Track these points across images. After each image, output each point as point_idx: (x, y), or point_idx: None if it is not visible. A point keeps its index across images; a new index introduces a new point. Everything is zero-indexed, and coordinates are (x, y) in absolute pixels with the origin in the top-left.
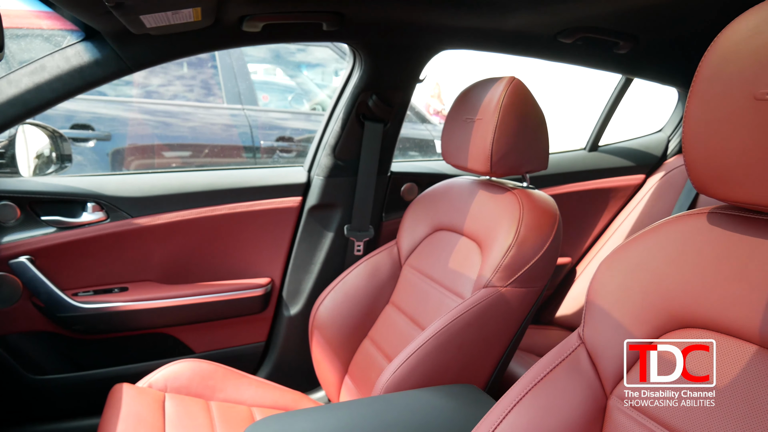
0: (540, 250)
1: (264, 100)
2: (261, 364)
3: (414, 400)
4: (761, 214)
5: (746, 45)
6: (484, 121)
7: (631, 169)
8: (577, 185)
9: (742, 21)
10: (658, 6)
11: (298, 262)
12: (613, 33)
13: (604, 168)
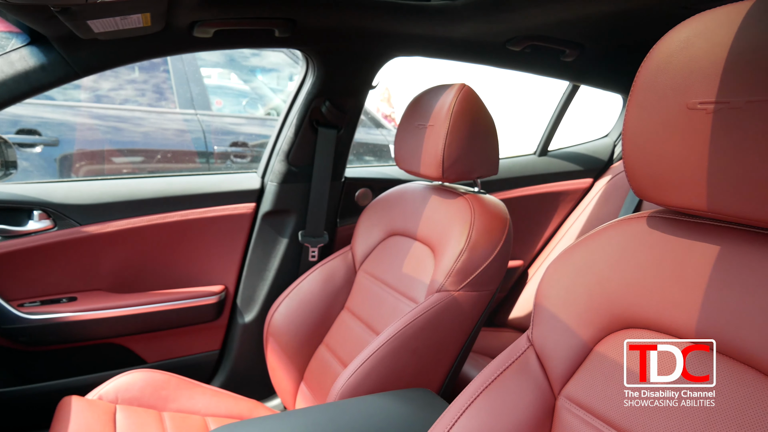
0: (491, 254)
1: (217, 105)
2: (215, 373)
3: (368, 405)
4: (696, 218)
5: (679, 56)
6: (435, 128)
7: (579, 173)
8: (527, 189)
9: (675, 34)
10: (602, 16)
11: (252, 268)
12: (560, 41)
13: (554, 172)
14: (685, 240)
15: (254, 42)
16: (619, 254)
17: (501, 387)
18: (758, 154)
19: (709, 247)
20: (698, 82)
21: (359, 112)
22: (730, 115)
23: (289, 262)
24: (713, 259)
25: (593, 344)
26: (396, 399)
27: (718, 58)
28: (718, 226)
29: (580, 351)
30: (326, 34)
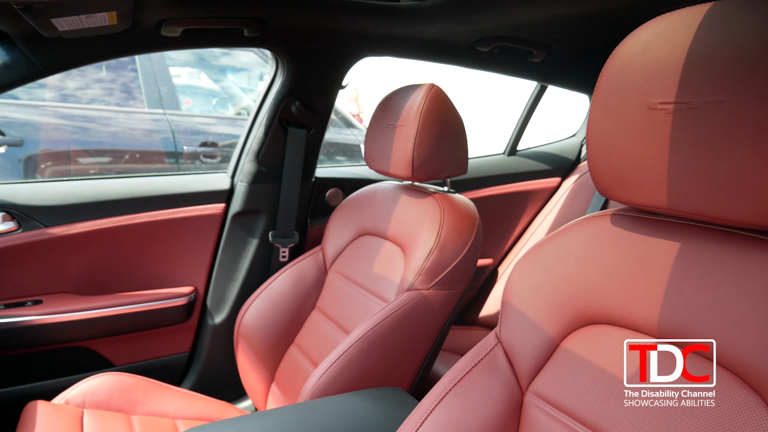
0: (460, 252)
1: (187, 105)
2: (185, 375)
3: (339, 405)
4: (658, 216)
5: (640, 58)
6: (405, 127)
7: (547, 172)
8: (497, 188)
9: (636, 36)
10: (568, 18)
11: (222, 269)
12: (528, 42)
13: (523, 171)
14: (647, 237)
15: (223, 41)
16: (583, 252)
17: (470, 384)
18: (714, 153)
19: (670, 243)
20: (658, 83)
21: (329, 112)
22: (689, 115)
23: (260, 262)
24: (674, 255)
25: (559, 340)
26: (366, 398)
27: (677, 60)
28: (678, 223)
29: (547, 347)
30: (296, 34)
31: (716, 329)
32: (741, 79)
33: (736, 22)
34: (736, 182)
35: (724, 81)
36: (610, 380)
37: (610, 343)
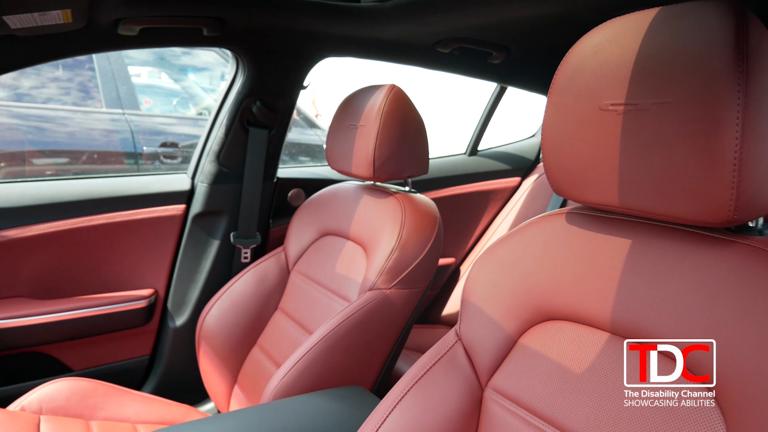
0: (422, 252)
1: (146, 105)
2: (146, 379)
3: (301, 405)
4: (610, 213)
5: (592, 60)
6: (366, 128)
7: (508, 172)
8: (458, 188)
9: (588, 39)
10: (525, 20)
11: (183, 271)
12: (487, 44)
13: (483, 171)
14: (600, 235)
15: (182, 41)
16: (540, 249)
17: (430, 381)
18: (661, 152)
19: (621, 241)
20: (609, 84)
21: (290, 112)
22: (638, 116)
23: (221, 264)
24: (625, 252)
25: (517, 336)
26: (329, 397)
27: (626, 62)
28: (629, 221)
29: (506, 344)
30: (256, 33)
31: (664, 322)
32: (685, 82)
33: (681, 26)
34: (682, 181)
35: (670, 83)
36: (566, 374)
37: (565, 338)
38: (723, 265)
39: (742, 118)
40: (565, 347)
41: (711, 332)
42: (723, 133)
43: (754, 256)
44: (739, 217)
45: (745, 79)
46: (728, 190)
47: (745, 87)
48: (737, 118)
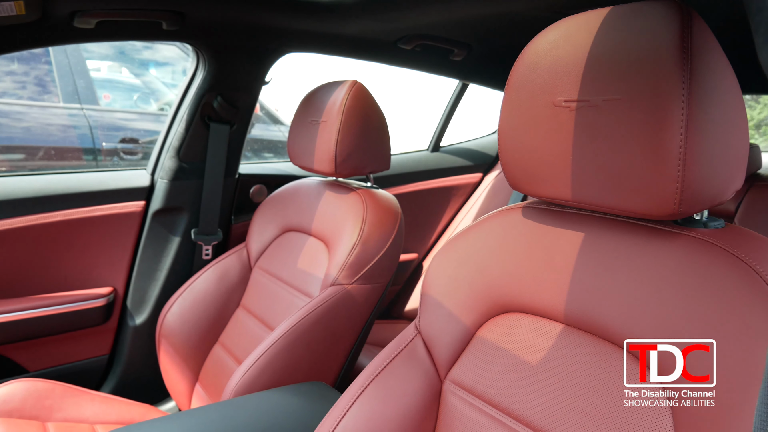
0: (383, 247)
1: (106, 100)
2: (105, 379)
3: (262, 401)
4: (564, 208)
5: (546, 57)
6: (328, 124)
7: (469, 168)
8: (421, 184)
9: (543, 36)
10: (485, 18)
11: (142, 269)
12: (448, 41)
13: (446, 167)
14: (554, 228)
15: (141, 35)
16: (497, 243)
17: (390, 375)
18: (612, 148)
19: (575, 234)
20: (563, 81)
21: (252, 108)
22: (590, 112)
23: (182, 261)
24: (578, 245)
25: (475, 329)
26: (290, 393)
27: (579, 60)
28: (583, 214)
29: (464, 336)
30: (216, 28)
31: (614, 313)
32: (634, 80)
33: (630, 26)
34: (630, 175)
35: (620, 80)
36: (522, 365)
37: (521, 330)
38: (669, 257)
39: (686, 114)
40: (521, 339)
41: (657, 322)
42: (668, 129)
43: (697, 247)
44: (684, 210)
45: (689, 78)
46: (674, 183)
47: (689, 85)
48: (682, 115)
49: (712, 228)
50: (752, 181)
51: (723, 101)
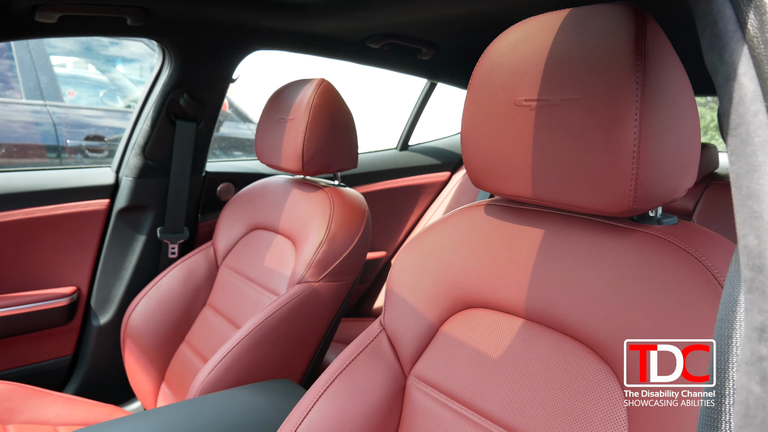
0: (350, 245)
1: (70, 96)
2: (68, 380)
3: (227, 399)
4: (525, 205)
5: (507, 58)
6: (295, 122)
7: (438, 166)
8: (390, 183)
9: (505, 37)
10: (453, 18)
11: (107, 268)
12: (417, 41)
13: (414, 166)
14: (516, 225)
15: (105, 30)
16: (460, 240)
17: (355, 371)
18: (569, 147)
19: (535, 231)
20: (523, 81)
21: (219, 106)
22: (549, 111)
23: (148, 259)
24: (538, 241)
25: (439, 325)
26: (256, 391)
27: (539, 60)
28: (543, 211)
29: (428, 332)
30: (182, 24)
31: (572, 308)
32: (591, 80)
33: (588, 27)
34: (588, 173)
35: (578, 80)
36: (483, 360)
37: (483, 326)
38: (624, 253)
39: (640, 113)
40: (483, 334)
41: (612, 316)
42: (623, 128)
43: (651, 243)
44: (638, 206)
45: (643, 78)
46: (628, 181)
47: (643, 85)
48: (636, 114)
49: (666, 225)
50: (710, 180)
51: (675, 101)
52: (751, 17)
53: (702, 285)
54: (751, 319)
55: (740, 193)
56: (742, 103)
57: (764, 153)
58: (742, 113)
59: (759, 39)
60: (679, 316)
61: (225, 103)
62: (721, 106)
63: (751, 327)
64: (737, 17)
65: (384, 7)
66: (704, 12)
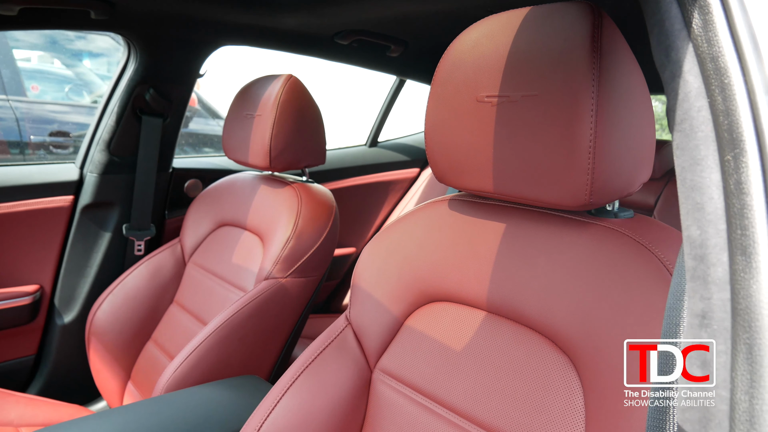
0: (317, 240)
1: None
2: (32, 380)
3: (193, 396)
4: (488, 200)
5: (469, 54)
6: (263, 117)
7: (407, 163)
8: (359, 179)
9: (467, 34)
10: (421, 16)
11: (71, 265)
12: (385, 37)
13: (384, 162)
14: (478, 220)
15: (68, 23)
16: (425, 235)
17: (321, 366)
18: (529, 142)
19: (497, 225)
20: (485, 77)
21: (186, 101)
22: (510, 107)
23: (113, 257)
24: (500, 235)
25: (404, 319)
26: (223, 387)
27: (500, 57)
28: (505, 206)
29: (393, 326)
30: (148, 18)
31: (532, 300)
32: (549, 76)
33: (547, 25)
34: (546, 168)
35: (537, 77)
36: (447, 353)
37: (446, 319)
38: (582, 246)
39: (596, 110)
40: (447, 327)
41: (571, 307)
42: (580, 124)
43: (607, 236)
44: (595, 200)
45: (599, 75)
46: (585, 175)
47: (599, 82)
48: (592, 110)
49: (622, 218)
50: (671, 176)
51: (630, 98)
52: (696, 17)
53: (654, 275)
54: (693, 306)
55: (684, 186)
56: (687, 100)
57: (706, 147)
58: (687, 109)
59: (703, 38)
60: (634, 306)
61: (194, 99)
62: (668, 103)
63: (692, 313)
64: (683, 16)
65: (353, 4)
66: (653, 11)
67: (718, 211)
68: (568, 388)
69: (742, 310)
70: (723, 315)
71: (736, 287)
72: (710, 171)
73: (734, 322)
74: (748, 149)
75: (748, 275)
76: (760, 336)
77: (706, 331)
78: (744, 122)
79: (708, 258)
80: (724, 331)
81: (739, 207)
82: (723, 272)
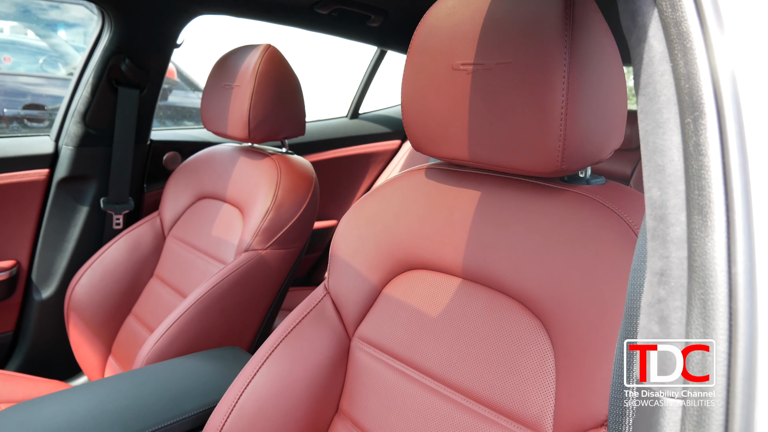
0: (297, 212)
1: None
2: (10, 357)
3: (173, 367)
4: (463, 168)
5: (445, 22)
6: (241, 88)
7: (388, 135)
8: (340, 151)
9: (443, 2)
10: None
11: (48, 240)
12: (365, 7)
13: (365, 134)
14: (454, 188)
15: None
16: (402, 203)
17: (299, 335)
18: (504, 109)
19: (472, 192)
20: (461, 45)
21: (164, 72)
22: (484, 75)
23: (91, 231)
24: (475, 202)
25: (381, 287)
26: (203, 358)
27: (475, 25)
28: (480, 174)
29: (371, 294)
30: None
31: (505, 266)
32: (523, 44)
33: None
34: (520, 135)
35: (511, 45)
36: (423, 319)
37: (423, 286)
38: (554, 212)
39: (567, 77)
40: (423, 294)
41: (543, 272)
42: (552, 91)
43: (579, 202)
44: (567, 167)
45: (570, 44)
46: (557, 142)
47: (570, 50)
48: (563, 78)
49: (594, 185)
50: None
51: (602, 67)
52: None
53: (622, 239)
54: (653, 265)
55: (647, 149)
56: (651, 64)
57: (668, 110)
58: (651, 73)
59: (667, 2)
60: (603, 269)
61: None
62: (634, 68)
63: (652, 272)
64: None
65: None
66: None
67: (677, 172)
68: (539, 350)
69: (698, 267)
70: (680, 272)
71: (692, 245)
72: (672, 134)
73: (690, 279)
74: (707, 112)
75: (703, 233)
76: (713, 291)
77: (664, 288)
78: (704, 86)
79: (667, 218)
80: (681, 288)
81: (697, 168)
82: (681, 231)
